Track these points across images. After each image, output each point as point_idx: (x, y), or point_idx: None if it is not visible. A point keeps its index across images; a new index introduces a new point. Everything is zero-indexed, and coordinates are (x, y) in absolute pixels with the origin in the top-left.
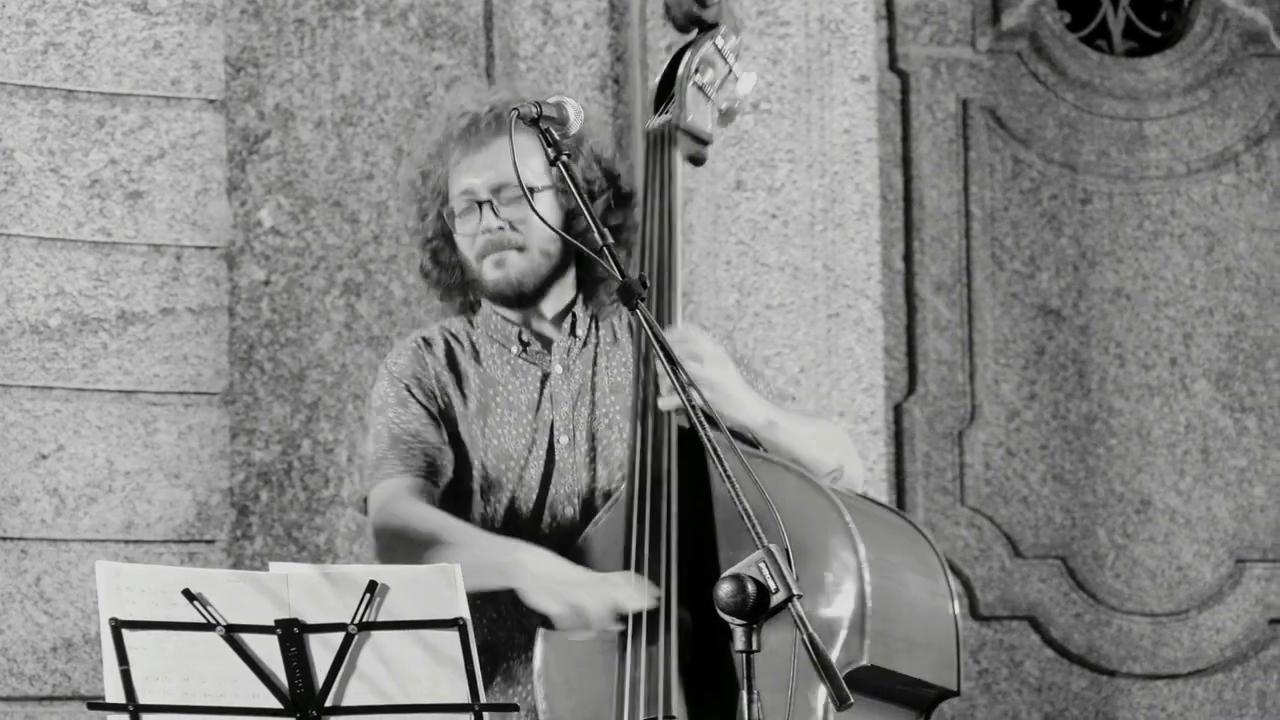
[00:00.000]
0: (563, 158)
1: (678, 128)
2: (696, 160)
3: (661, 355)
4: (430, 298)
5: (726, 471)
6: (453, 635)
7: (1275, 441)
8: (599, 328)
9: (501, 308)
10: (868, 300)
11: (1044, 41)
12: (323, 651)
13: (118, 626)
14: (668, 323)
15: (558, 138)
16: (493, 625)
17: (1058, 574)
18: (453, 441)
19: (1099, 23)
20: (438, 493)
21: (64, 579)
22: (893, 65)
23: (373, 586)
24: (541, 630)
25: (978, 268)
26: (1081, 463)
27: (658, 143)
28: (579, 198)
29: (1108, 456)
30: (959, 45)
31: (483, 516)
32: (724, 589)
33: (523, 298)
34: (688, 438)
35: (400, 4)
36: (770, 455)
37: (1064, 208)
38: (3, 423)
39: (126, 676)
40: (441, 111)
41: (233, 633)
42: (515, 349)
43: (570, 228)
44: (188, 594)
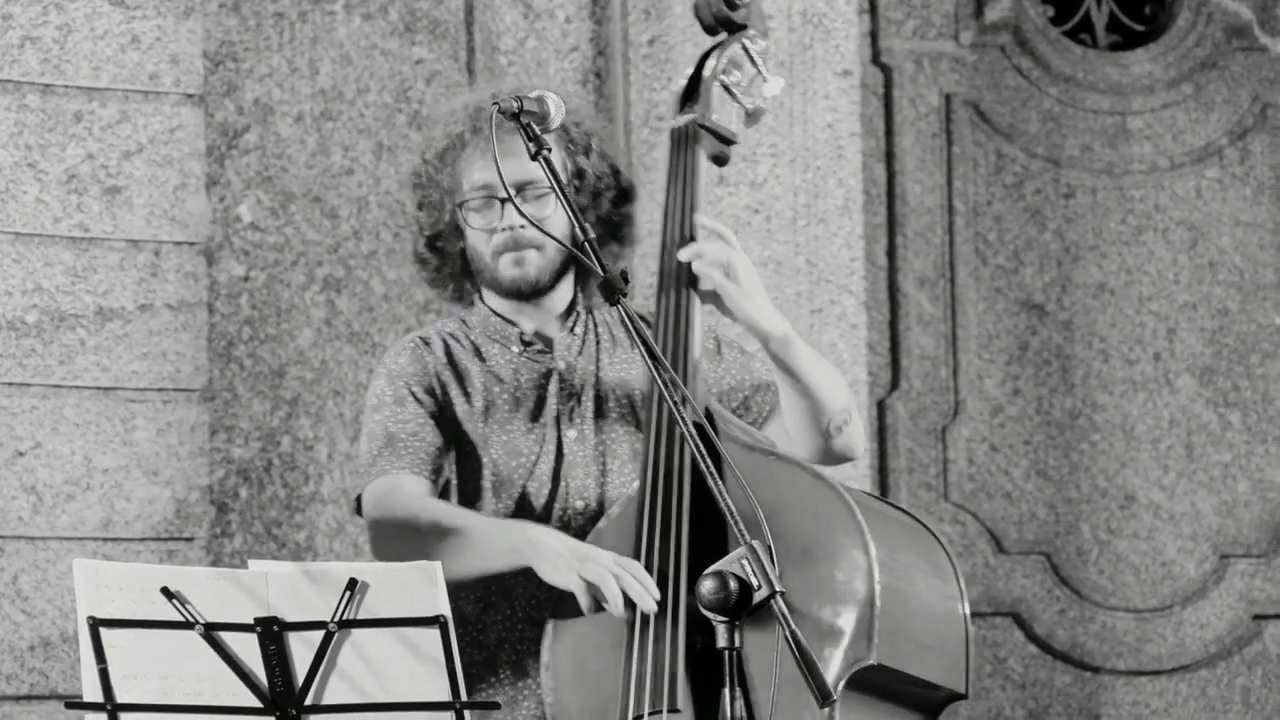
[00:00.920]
0: (544, 152)
1: (702, 126)
2: (720, 160)
3: (644, 351)
4: (415, 289)
5: (710, 469)
6: (433, 633)
7: (1259, 437)
8: (596, 323)
9: (511, 301)
10: (851, 295)
11: (1027, 35)
12: (303, 650)
13: (96, 625)
14: (688, 322)
15: (539, 132)
16: (507, 622)
17: (1041, 570)
18: (457, 440)
19: (1082, 16)
20: (435, 491)
21: (41, 577)
22: (876, 59)
23: (353, 584)
24: (552, 621)
25: (961, 263)
26: (1065, 458)
27: (681, 141)
28: (560, 193)
29: (1091, 452)
30: (942, 39)
31: (494, 513)
32: (706, 586)
33: (537, 293)
34: (702, 432)
35: None
36: (782, 453)
37: (1047, 202)
38: None
39: (104, 675)
40: (457, 100)
41: (212, 631)
42: (516, 348)
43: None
44: (166, 592)
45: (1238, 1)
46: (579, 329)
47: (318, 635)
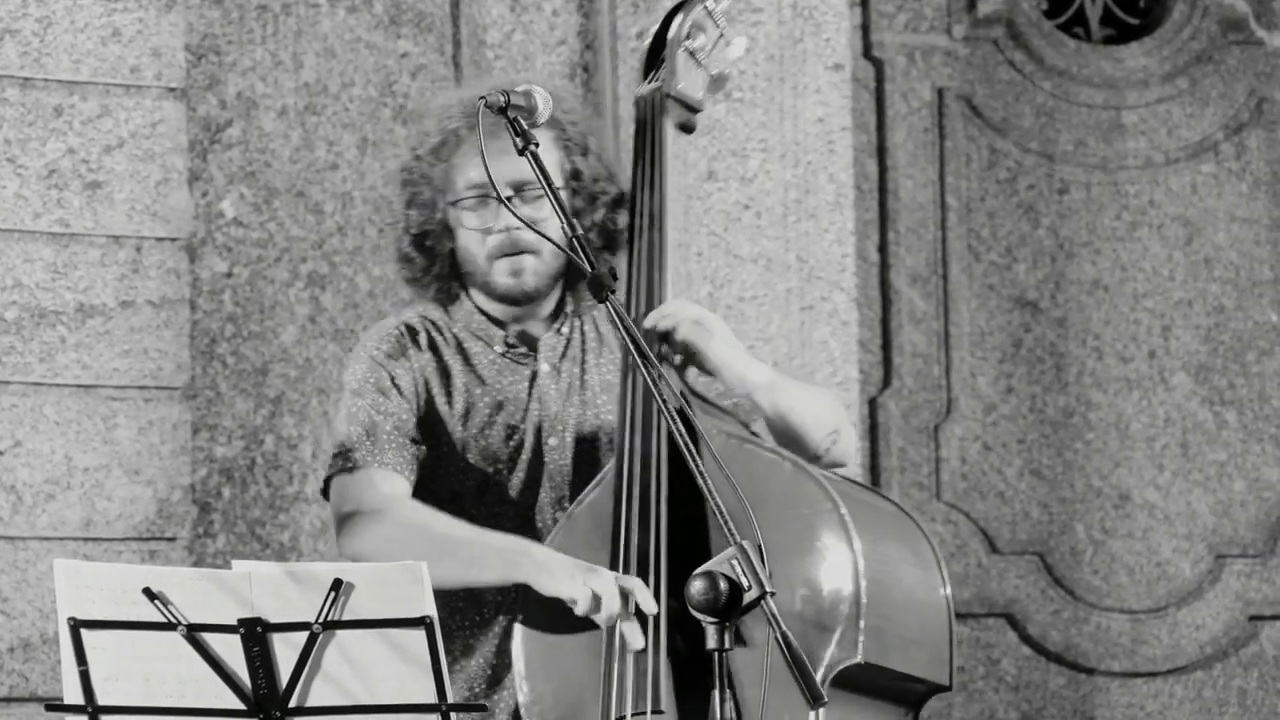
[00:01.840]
0: (531, 148)
1: (668, 95)
2: (687, 128)
3: (633, 348)
4: (401, 285)
5: (700, 468)
6: (419, 634)
7: (1255, 435)
8: (584, 325)
9: (502, 305)
10: (842, 292)
11: (1021, 29)
12: (287, 651)
13: (76, 626)
14: (659, 297)
15: (526, 127)
16: (474, 627)
17: (1035, 570)
18: (435, 439)
19: (1076, 10)
20: (410, 487)
21: (21, 578)
22: (867, 53)
23: (338, 585)
24: (519, 624)
25: (954, 259)
26: (1059, 457)
27: (648, 110)
28: (547, 190)
29: (1086, 451)
30: (934, 32)
31: (469, 518)
32: (695, 586)
33: (529, 300)
34: (680, 419)
35: None
36: (763, 442)
37: (1041, 198)
38: None
39: (85, 677)
40: (452, 94)
41: (194, 632)
42: (499, 349)
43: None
44: (148, 593)
45: None
46: (565, 329)
47: (302, 636)
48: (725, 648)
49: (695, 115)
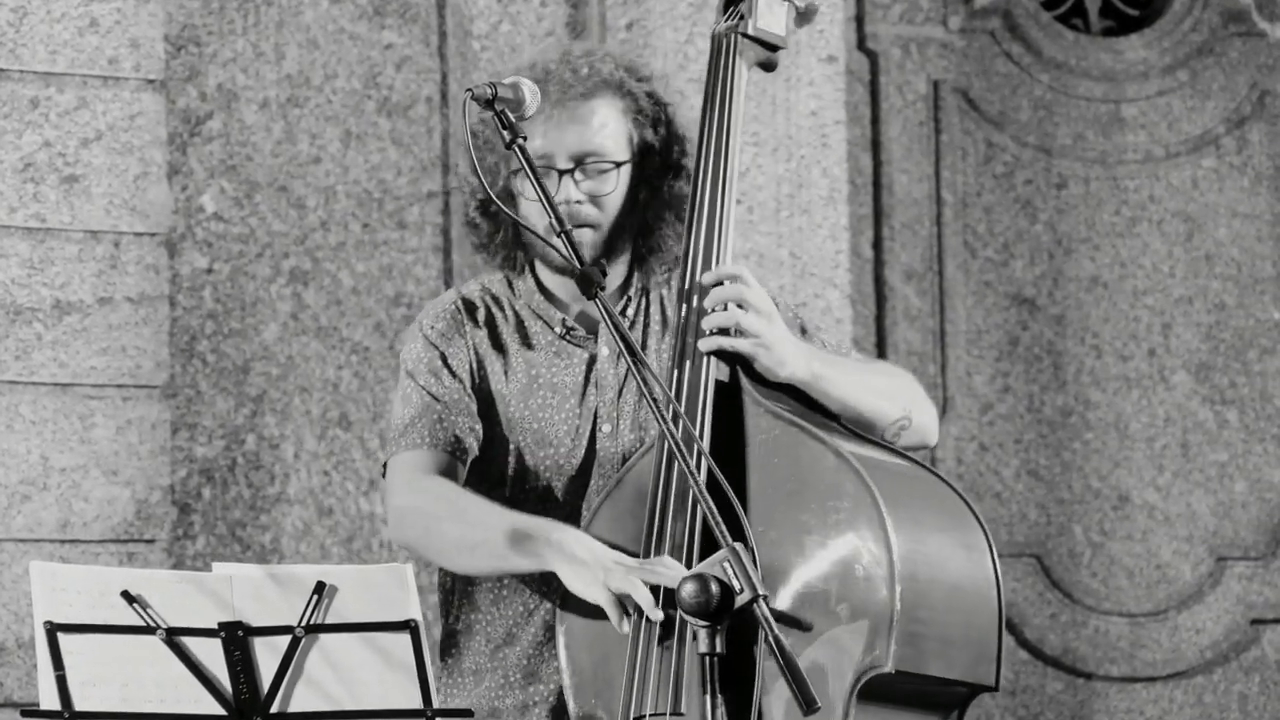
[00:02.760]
0: (519, 140)
1: (744, 35)
2: (767, 66)
3: (624, 349)
4: (385, 282)
5: (691, 470)
6: (404, 638)
7: (1257, 435)
8: (649, 306)
9: (559, 277)
10: (835, 289)
11: (1018, 20)
12: (268, 655)
13: (53, 630)
14: (717, 257)
15: (513, 119)
16: (519, 617)
17: (1032, 573)
18: (489, 422)
19: (1075, 1)
20: (464, 469)
21: None
22: (861, 45)
23: (320, 588)
24: (560, 611)
25: (949, 255)
26: (1057, 457)
27: (720, 50)
28: (534, 180)
29: (1084, 451)
30: (930, 24)
31: (516, 504)
32: (687, 589)
33: None
34: (724, 397)
35: None
36: (812, 427)
37: (1039, 193)
38: None
39: (62, 682)
40: (523, 59)
41: (174, 636)
42: (559, 329)
43: (637, 203)
44: (127, 596)
45: None
46: (629, 311)
47: (284, 640)
48: (716, 652)
49: (776, 54)
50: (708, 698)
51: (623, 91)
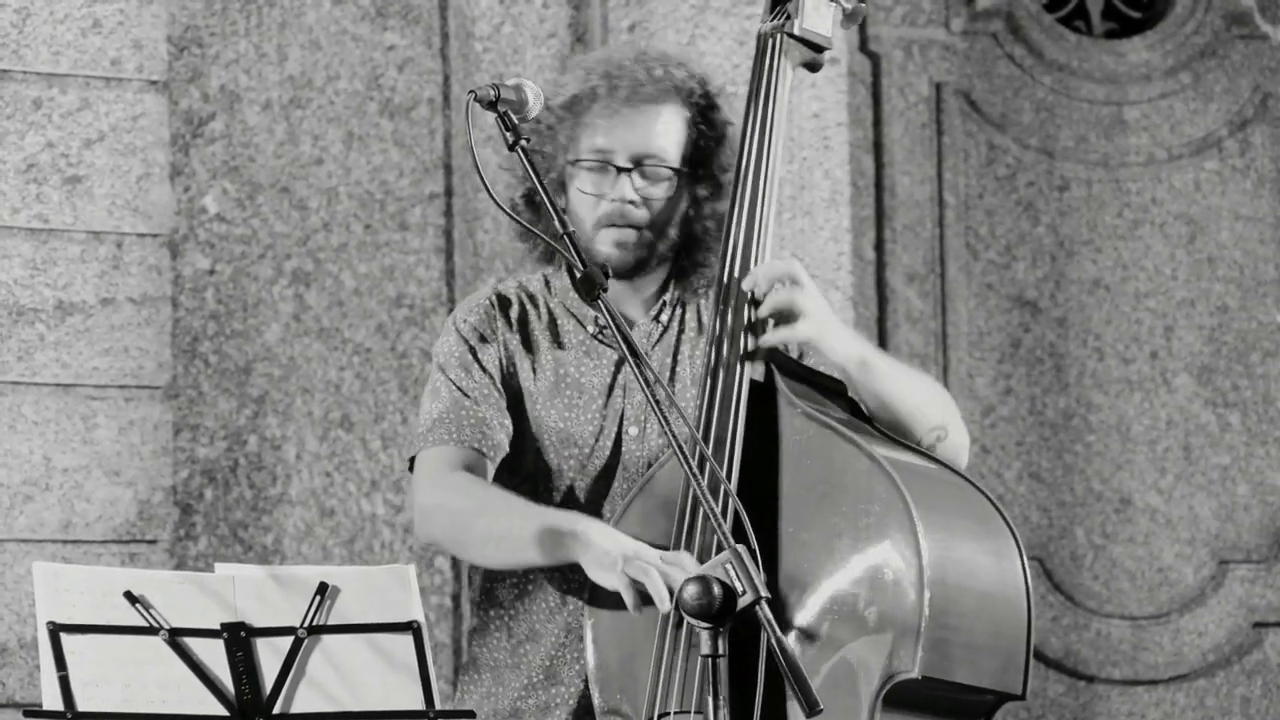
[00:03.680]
0: (522, 143)
1: (790, 35)
2: (813, 67)
3: (625, 350)
4: (387, 283)
5: (692, 470)
6: (406, 639)
7: (1259, 438)
8: (685, 314)
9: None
10: (837, 291)
11: (1020, 22)
12: (271, 656)
13: (56, 630)
14: (756, 258)
15: (516, 121)
16: (543, 613)
17: (1034, 576)
18: (517, 418)
19: (1077, 3)
20: (492, 466)
21: None
22: (863, 47)
23: (323, 588)
24: (588, 607)
25: (951, 257)
26: (1059, 460)
27: (765, 49)
28: (538, 184)
29: (1086, 454)
30: (932, 26)
31: (538, 500)
32: (689, 591)
33: (628, 275)
34: (758, 398)
35: None
36: (843, 430)
37: (1041, 195)
38: None
39: (65, 683)
40: (599, 52)
41: (176, 637)
42: (591, 329)
43: (683, 214)
44: (129, 596)
45: None
46: (664, 316)
47: (286, 641)
48: (719, 653)
49: (822, 54)
50: (710, 699)
51: (691, 101)
